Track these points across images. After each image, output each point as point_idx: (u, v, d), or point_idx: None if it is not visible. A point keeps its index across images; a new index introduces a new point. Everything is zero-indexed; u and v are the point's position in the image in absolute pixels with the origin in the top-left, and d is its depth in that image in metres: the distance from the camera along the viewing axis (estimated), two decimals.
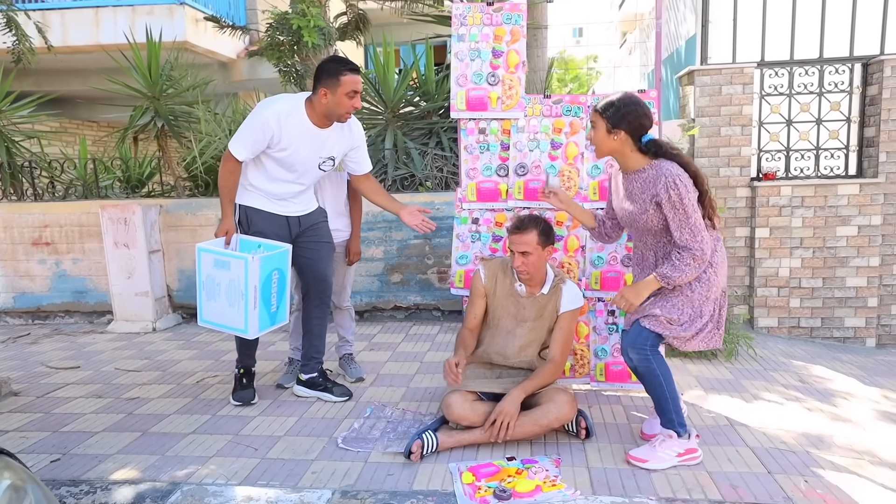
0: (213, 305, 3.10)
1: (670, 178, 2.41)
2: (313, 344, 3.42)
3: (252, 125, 2.99)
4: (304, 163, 3.12)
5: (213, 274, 3.06)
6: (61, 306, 5.60)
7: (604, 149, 2.61)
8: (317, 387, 3.43)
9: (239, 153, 3.02)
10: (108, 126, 11.75)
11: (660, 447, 2.60)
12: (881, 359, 4.64)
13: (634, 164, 2.57)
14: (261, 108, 3.02)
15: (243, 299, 3.01)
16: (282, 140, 3.01)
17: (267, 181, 3.15)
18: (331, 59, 3.10)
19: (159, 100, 5.97)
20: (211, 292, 3.08)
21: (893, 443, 2.89)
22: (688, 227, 2.43)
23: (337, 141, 3.17)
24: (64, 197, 5.88)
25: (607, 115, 2.54)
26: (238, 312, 3.03)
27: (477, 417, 2.75)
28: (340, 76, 2.97)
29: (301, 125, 3.04)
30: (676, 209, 2.42)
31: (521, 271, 2.86)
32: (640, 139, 2.54)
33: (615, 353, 3.41)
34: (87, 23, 8.79)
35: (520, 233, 2.82)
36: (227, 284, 3.03)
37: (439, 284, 5.20)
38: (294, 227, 3.27)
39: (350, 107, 3.02)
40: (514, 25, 3.35)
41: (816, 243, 5.03)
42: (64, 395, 3.63)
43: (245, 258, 2.95)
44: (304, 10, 5.14)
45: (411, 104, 6.48)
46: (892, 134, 4.94)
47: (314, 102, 3.05)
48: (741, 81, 5.04)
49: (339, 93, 2.98)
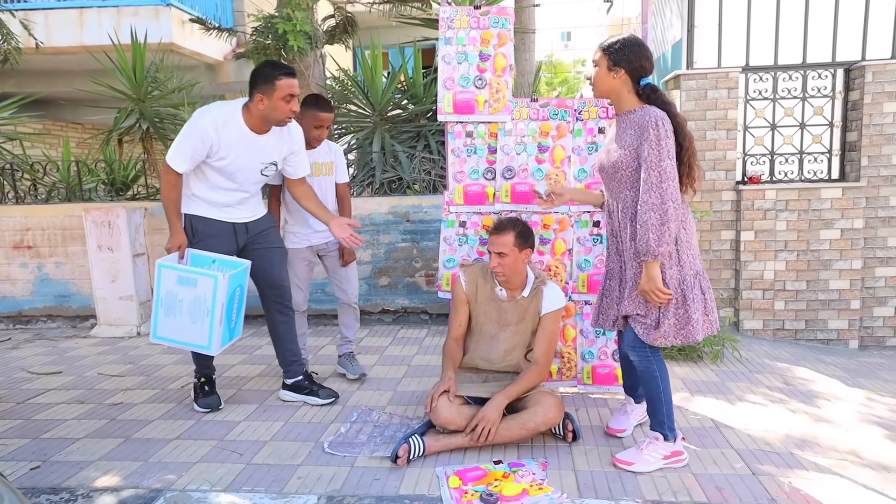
0: (171, 322, 3.05)
1: (653, 120, 2.42)
2: (288, 349, 3.40)
3: (190, 135, 2.92)
4: (245, 170, 3.08)
5: (174, 291, 3.01)
6: (43, 311, 5.53)
7: (603, 87, 2.59)
8: (303, 390, 3.41)
9: (178, 165, 2.96)
10: (92, 128, 11.64)
11: (646, 450, 2.61)
12: (863, 360, 4.68)
13: (627, 105, 2.57)
14: (197, 118, 2.95)
15: (209, 316, 2.99)
16: (221, 149, 2.96)
17: (209, 190, 3.10)
18: (265, 63, 3.06)
19: (144, 102, 5.93)
20: (170, 309, 3.03)
21: (876, 444, 2.92)
22: (657, 169, 2.40)
23: (276, 146, 3.12)
24: (46, 200, 5.82)
25: (610, 52, 2.54)
26: (202, 329, 3.02)
27: (464, 422, 2.74)
28: (276, 80, 2.92)
29: (239, 132, 2.99)
30: (651, 149, 2.41)
31: (497, 272, 2.86)
32: (639, 81, 2.55)
33: (602, 356, 3.42)
34: (72, 23, 8.69)
35: (497, 234, 2.83)
36: (192, 301, 3.00)
37: (427, 288, 5.19)
38: (241, 234, 3.23)
39: (288, 111, 2.98)
40: (501, 29, 3.36)
41: (800, 246, 5.07)
42: (45, 401, 3.58)
43: (216, 276, 2.94)
44: (290, 14, 5.11)
45: (399, 107, 6.48)
46: (873, 138, 5.00)
47: (251, 108, 3.00)
48: (726, 86, 5.08)
49: (275, 97, 2.93)
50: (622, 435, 2.89)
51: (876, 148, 5.01)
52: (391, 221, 5.13)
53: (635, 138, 2.49)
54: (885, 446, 2.90)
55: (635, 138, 2.49)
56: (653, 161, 2.41)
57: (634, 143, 2.49)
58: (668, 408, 2.62)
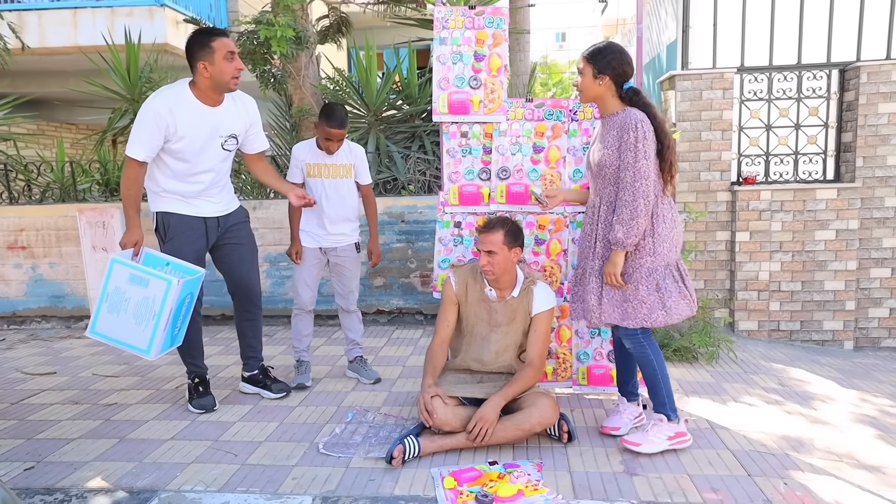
0: (113, 319, 2.95)
1: (633, 121, 2.59)
2: (249, 344, 3.49)
3: (144, 122, 2.91)
4: (206, 147, 3.05)
5: (123, 288, 2.92)
6: (38, 311, 5.50)
7: (589, 94, 2.75)
8: (257, 383, 3.52)
9: (138, 154, 2.94)
10: (86, 128, 11.60)
11: (651, 431, 2.73)
12: (858, 361, 4.69)
13: (611, 108, 2.73)
14: (147, 104, 2.94)
15: (154, 320, 2.89)
16: (178, 128, 2.95)
17: (176, 181, 3.09)
18: (195, 32, 3.07)
19: (138, 102, 5.90)
20: (115, 306, 2.94)
21: (871, 445, 2.92)
22: (632, 169, 2.58)
23: (235, 118, 3.13)
24: (41, 200, 5.79)
25: (594, 60, 2.70)
26: (144, 332, 2.91)
27: (459, 423, 2.73)
28: (211, 43, 2.94)
29: (192, 107, 2.99)
30: (629, 150, 2.58)
31: (486, 271, 2.86)
32: (622, 86, 2.70)
33: (597, 356, 3.42)
34: (65, 24, 8.66)
35: (487, 232, 2.85)
36: (139, 302, 2.91)
37: (422, 288, 5.19)
38: (212, 229, 3.22)
39: (234, 70, 2.98)
40: (496, 29, 3.36)
41: (795, 247, 5.09)
42: (39, 401, 3.56)
43: (170, 280, 2.87)
44: (271, 19, 5.05)
45: (394, 108, 6.47)
46: (868, 139, 5.02)
47: (198, 82, 3.00)
48: (721, 86, 5.09)
49: (216, 59, 2.93)
50: (617, 433, 2.89)
51: (871, 149, 5.03)
52: (386, 222, 5.12)
53: (617, 139, 2.65)
54: (879, 447, 2.90)
55: (617, 139, 2.65)
56: (629, 161, 2.59)
57: (616, 143, 2.65)
58: (668, 388, 2.77)
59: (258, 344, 3.53)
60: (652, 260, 2.67)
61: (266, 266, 5.26)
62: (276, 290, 5.29)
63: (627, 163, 2.59)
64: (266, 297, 5.27)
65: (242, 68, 3.07)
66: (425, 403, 2.74)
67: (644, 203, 2.58)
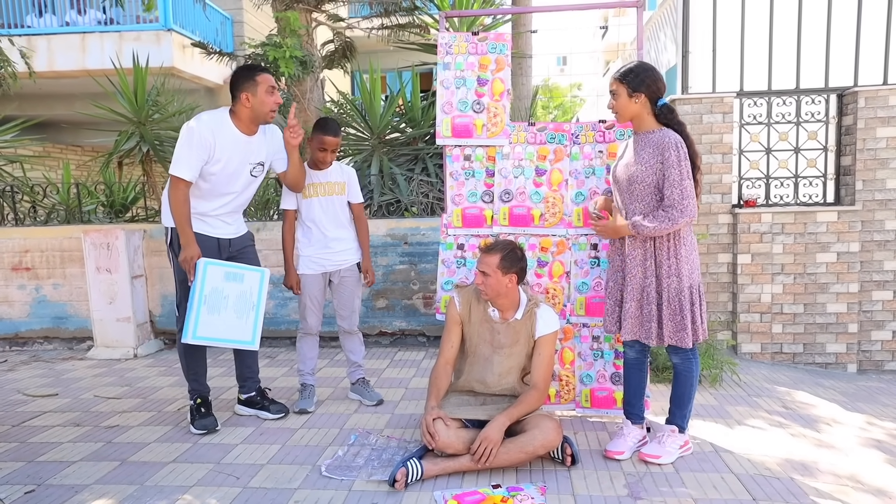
0: (214, 320, 3.11)
1: (674, 142, 2.69)
2: (247, 365, 3.53)
3: (189, 143, 3.04)
4: (238, 172, 3.20)
5: (220, 287, 3.12)
6: (40, 332, 5.51)
7: (626, 113, 2.83)
8: (255, 405, 3.54)
9: (185, 173, 3.05)
10: (92, 150, 11.71)
11: (666, 442, 2.88)
12: (862, 384, 4.67)
13: (647, 125, 2.82)
14: (192, 126, 3.06)
15: (254, 310, 3.20)
16: (216, 151, 3.08)
17: (201, 199, 3.19)
18: (242, 66, 3.27)
19: (145, 125, 5.97)
20: (215, 306, 3.10)
21: (875, 468, 2.91)
22: (680, 187, 2.67)
23: (262, 147, 3.28)
24: (46, 222, 5.83)
25: (628, 80, 2.78)
26: (246, 324, 3.21)
27: (462, 445, 2.73)
28: (256, 77, 3.12)
29: (232, 134, 3.14)
30: (674, 168, 2.67)
31: (480, 290, 2.93)
32: (656, 102, 2.78)
33: (601, 379, 3.41)
34: (74, 48, 8.81)
35: (486, 253, 2.91)
36: (238, 297, 3.16)
37: (425, 310, 5.19)
38: (224, 249, 3.32)
39: (272, 103, 3.17)
40: (499, 55, 3.41)
41: (797, 269, 5.10)
42: (41, 423, 3.55)
43: (263, 270, 3.23)
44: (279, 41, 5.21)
45: (397, 130, 6.54)
46: (867, 163, 5.05)
47: (238, 111, 3.16)
48: (721, 110, 5.15)
49: (259, 92, 3.12)
50: (620, 457, 2.88)
51: (870, 172, 5.06)
52: (389, 244, 5.14)
53: (653, 156, 2.73)
54: (884, 471, 2.89)
55: (653, 156, 2.73)
56: (675, 180, 2.68)
57: (652, 160, 2.73)
58: (692, 405, 2.95)
59: (255, 365, 3.57)
60: (678, 281, 2.75)
61: (269, 288, 5.25)
62: (279, 312, 5.30)
63: (674, 181, 2.68)
64: (268, 318, 5.28)
65: (281, 102, 3.24)
66: (427, 426, 2.74)
67: (686, 221, 2.69)
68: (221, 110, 3.19)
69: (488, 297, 2.93)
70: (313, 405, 3.63)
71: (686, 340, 2.77)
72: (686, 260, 2.77)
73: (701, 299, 2.81)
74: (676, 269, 2.76)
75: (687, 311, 2.75)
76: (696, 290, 2.79)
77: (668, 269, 2.76)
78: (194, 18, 9.54)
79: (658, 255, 2.78)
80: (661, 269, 2.77)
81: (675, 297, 2.76)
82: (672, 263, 2.76)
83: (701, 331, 2.81)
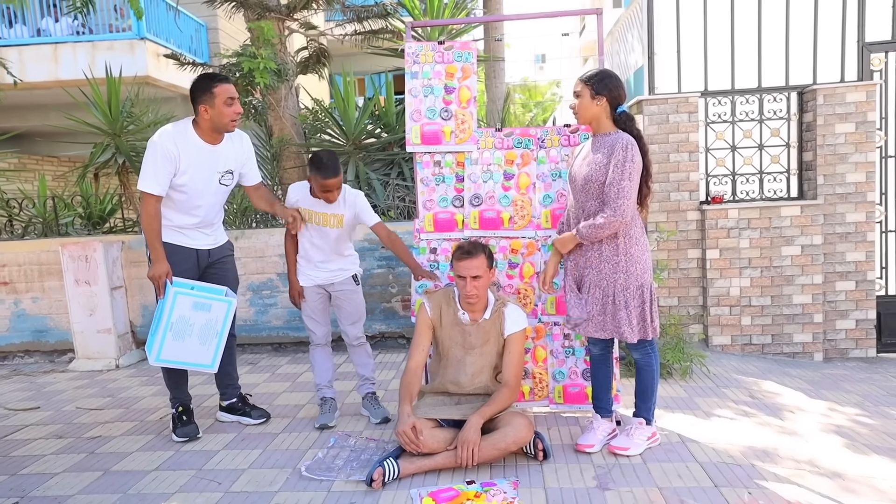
0: (177, 345, 3.21)
1: (625, 143, 2.82)
2: (227, 373, 3.58)
3: (154, 158, 3.08)
4: (206, 181, 3.24)
5: (187, 315, 3.21)
6: (20, 346, 5.51)
7: (587, 114, 2.95)
8: (236, 411, 3.61)
9: (153, 188, 3.09)
10: (69, 161, 11.62)
11: (634, 434, 3.00)
12: (827, 372, 4.84)
13: (605, 128, 2.95)
14: (156, 140, 3.11)
15: (217, 338, 3.29)
16: (181, 163, 3.12)
17: (176, 212, 3.25)
18: (200, 77, 3.26)
19: (120, 136, 5.99)
20: (180, 333, 3.21)
21: (833, 452, 3.05)
22: (618, 186, 2.79)
23: (231, 155, 3.31)
24: (22, 235, 5.83)
25: (592, 82, 2.91)
26: (208, 350, 3.30)
27: (437, 444, 2.82)
28: (213, 89, 3.14)
29: (196, 144, 3.18)
30: (617, 167, 2.80)
31: (471, 295, 2.98)
32: (616, 108, 2.92)
33: (572, 375, 3.52)
34: (46, 59, 8.75)
35: (470, 258, 2.95)
36: (203, 325, 3.25)
37: (403, 312, 5.28)
38: (203, 260, 3.38)
39: (232, 113, 3.19)
40: (464, 63, 3.51)
41: (764, 263, 5.25)
42: (23, 437, 3.59)
43: (230, 301, 3.31)
44: (254, 52, 5.26)
45: (372, 136, 6.61)
46: (828, 158, 5.22)
47: (199, 122, 3.20)
48: (687, 110, 5.29)
49: (217, 104, 3.14)
50: (591, 451, 2.99)
51: (830, 167, 5.23)
52: (367, 248, 5.22)
53: (605, 156, 2.86)
54: (841, 454, 3.03)
55: (605, 156, 2.86)
56: (614, 178, 2.81)
57: (604, 160, 2.86)
58: (655, 396, 3.07)
59: (235, 372, 3.63)
60: (625, 278, 2.87)
61: (249, 294, 5.33)
62: (260, 318, 5.35)
63: (613, 179, 2.80)
64: (250, 325, 5.34)
65: (241, 112, 3.26)
66: (406, 434, 2.79)
67: (620, 221, 2.80)
68: (185, 121, 3.22)
69: (479, 298, 3.00)
70: (335, 419, 3.51)
71: (631, 336, 2.87)
72: (637, 259, 2.89)
73: (652, 298, 2.92)
74: (625, 267, 2.87)
75: (634, 309, 2.87)
76: (647, 288, 2.91)
77: (615, 265, 2.88)
78: (168, 27, 9.52)
79: (609, 254, 2.89)
80: (610, 265, 2.89)
81: (621, 293, 2.87)
82: (621, 261, 2.88)
83: (651, 329, 2.91)
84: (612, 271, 2.89)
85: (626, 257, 2.88)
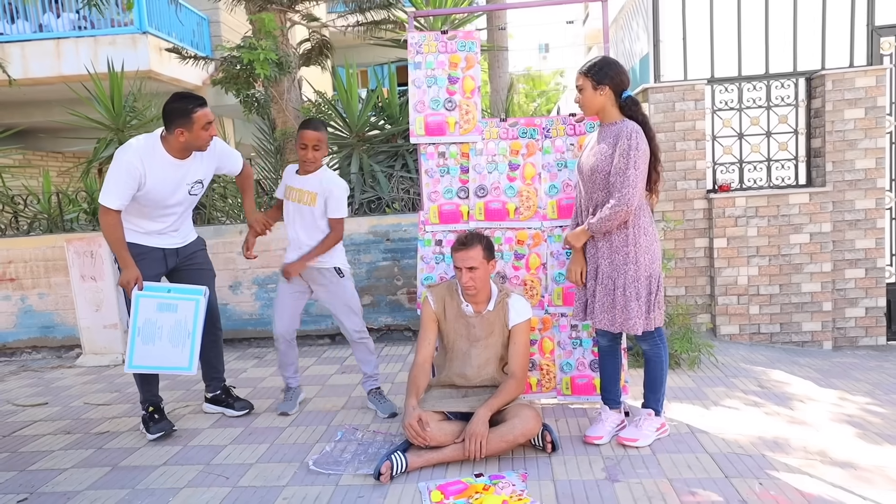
0: (149, 349, 3.15)
1: (629, 131, 2.77)
2: (212, 365, 3.60)
3: (118, 173, 3.01)
4: (174, 194, 3.19)
5: (154, 318, 3.13)
6: (28, 342, 5.53)
7: (592, 106, 2.90)
8: (220, 403, 3.65)
9: (112, 203, 3.03)
10: (73, 157, 11.64)
11: (643, 425, 2.98)
12: (837, 361, 4.80)
13: (611, 117, 2.90)
14: (120, 155, 3.03)
15: (190, 338, 3.19)
16: (147, 179, 3.06)
17: (142, 218, 3.21)
18: (175, 97, 3.11)
19: (123, 131, 5.97)
20: (149, 336, 3.14)
21: (845, 442, 3.02)
22: (623, 175, 2.75)
23: (200, 167, 3.27)
24: (28, 232, 5.83)
25: (592, 73, 2.86)
26: (183, 352, 3.21)
27: (445, 437, 2.81)
28: (192, 114, 3.04)
29: (162, 159, 3.11)
30: (622, 157, 2.76)
31: (468, 287, 2.96)
32: (620, 95, 2.86)
33: (580, 366, 3.50)
34: (49, 55, 8.74)
35: (465, 249, 2.94)
36: (172, 326, 3.16)
37: (409, 305, 5.26)
38: (171, 256, 3.36)
39: (208, 137, 3.13)
40: (468, 52, 3.47)
41: (772, 251, 5.21)
42: (31, 432, 3.60)
43: (197, 299, 3.16)
44: (254, 43, 5.22)
45: (376, 128, 6.58)
46: (836, 144, 5.16)
47: (170, 140, 3.10)
48: (693, 98, 5.23)
49: (195, 129, 3.06)
50: (599, 442, 2.97)
51: (839, 153, 5.17)
52: (371, 241, 5.20)
53: (611, 146, 2.82)
54: (853, 444, 3.00)
55: (611, 146, 2.82)
56: (619, 167, 2.77)
57: (610, 150, 2.83)
58: (664, 386, 3.04)
59: (220, 365, 3.64)
60: (635, 269, 2.84)
61: (255, 289, 5.32)
62: (266, 312, 5.35)
63: (618, 168, 2.76)
64: (256, 319, 5.34)
65: (216, 134, 3.21)
66: (413, 427, 2.77)
67: (626, 209, 2.76)
68: (153, 136, 3.13)
69: (477, 290, 2.98)
70: (295, 407, 3.61)
71: (637, 328, 2.84)
72: (646, 249, 2.86)
73: (658, 288, 2.90)
74: (635, 258, 2.84)
75: (643, 300, 2.85)
76: (654, 279, 2.88)
77: (625, 256, 2.85)
78: (170, 20, 9.49)
79: (619, 244, 2.87)
80: (620, 256, 2.86)
81: (631, 284, 2.84)
82: (631, 251, 2.85)
83: (654, 320, 2.89)
84: (624, 262, 2.86)
85: (635, 248, 2.85)
